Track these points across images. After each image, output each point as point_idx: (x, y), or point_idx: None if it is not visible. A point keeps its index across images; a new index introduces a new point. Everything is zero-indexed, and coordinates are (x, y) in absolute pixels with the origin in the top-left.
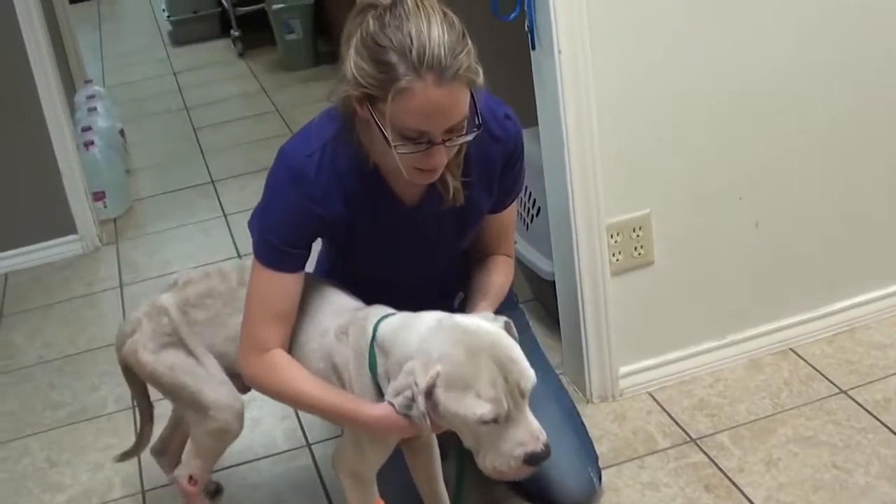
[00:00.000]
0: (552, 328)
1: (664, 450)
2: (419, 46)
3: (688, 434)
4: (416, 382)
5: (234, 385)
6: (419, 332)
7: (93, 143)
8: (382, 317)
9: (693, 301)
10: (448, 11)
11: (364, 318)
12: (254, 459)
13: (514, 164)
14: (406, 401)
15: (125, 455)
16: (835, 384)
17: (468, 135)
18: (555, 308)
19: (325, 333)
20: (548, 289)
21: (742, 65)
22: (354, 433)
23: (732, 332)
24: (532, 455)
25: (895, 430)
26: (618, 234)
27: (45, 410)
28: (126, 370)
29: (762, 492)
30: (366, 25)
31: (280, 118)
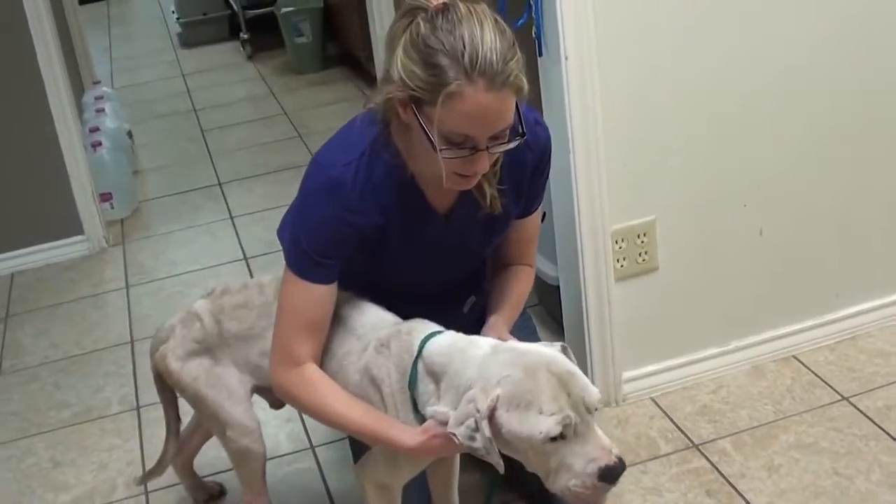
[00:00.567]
0: (556, 333)
1: (666, 455)
2: (472, 51)
3: (690, 440)
4: (479, 409)
5: (267, 399)
6: (476, 359)
7: (100, 144)
8: (430, 334)
9: (696, 307)
10: (499, 18)
11: (409, 333)
12: None
13: (543, 171)
14: (469, 431)
15: (148, 475)
16: (837, 391)
17: (511, 143)
18: (559, 313)
19: (365, 346)
20: (552, 294)
21: (747, 73)
22: (391, 451)
23: (735, 339)
24: (607, 469)
25: None
26: (622, 240)
27: (50, 410)
28: (158, 378)
29: (763, 498)
30: (416, 27)
31: (288, 121)
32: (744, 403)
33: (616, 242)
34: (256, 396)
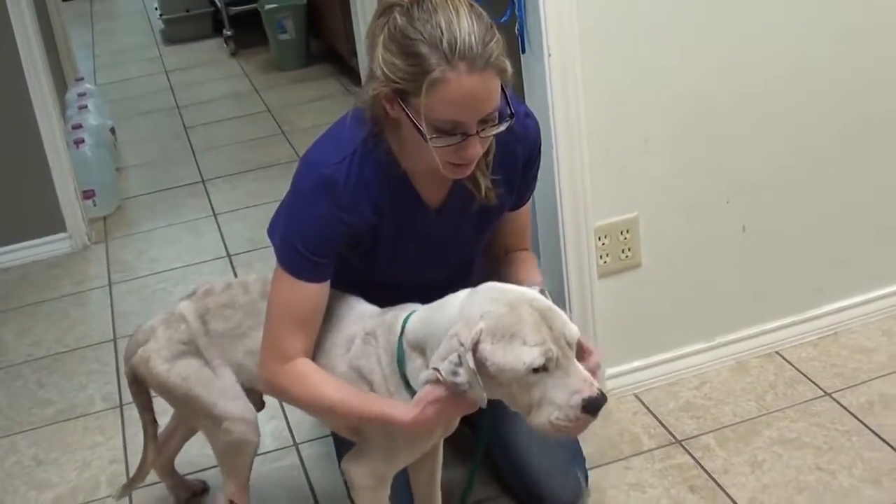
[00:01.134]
0: None
1: (650, 451)
2: (450, 36)
3: (673, 435)
4: (462, 342)
5: (250, 399)
6: (454, 307)
7: (83, 141)
8: (411, 312)
9: (680, 304)
10: (474, 4)
11: (394, 318)
12: None
13: (535, 162)
14: (452, 366)
15: (127, 487)
16: (819, 387)
17: (501, 125)
18: None
19: (352, 339)
20: None
21: (730, 70)
22: (387, 434)
23: (718, 335)
24: (589, 400)
25: (878, 433)
26: (605, 237)
27: (33, 408)
28: (134, 382)
29: (746, 493)
30: (393, 21)
31: (272, 118)
32: (727, 399)
33: (599, 239)
34: None
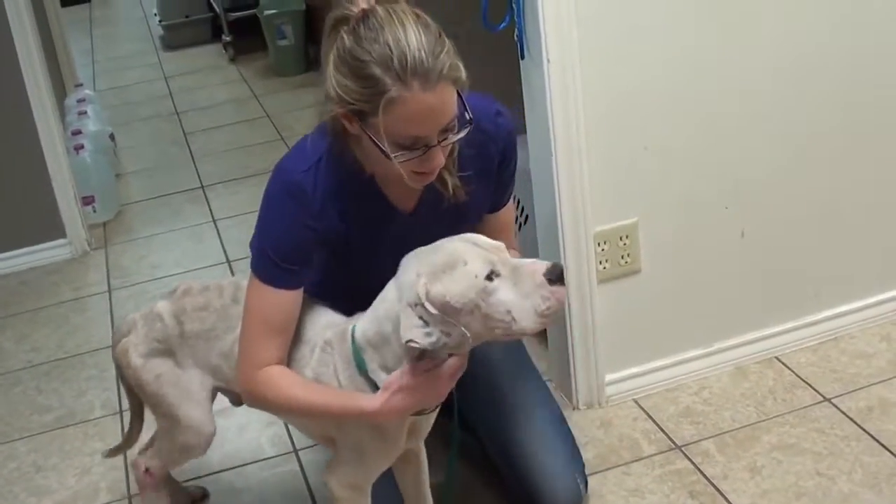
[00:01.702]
0: (539, 335)
1: (649, 457)
2: (400, 54)
3: (673, 441)
4: (416, 301)
5: (228, 398)
6: (391, 288)
7: (83, 147)
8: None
9: (679, 309)
10: (420, 13)
11: (345, 325)
12: (240, 465)
13: (510, 161)
14: (421, 330)
15: (113, 451)
16: (819, 392)
17: (461, 131)
18: None
19: (313, 348)
20: None
21: (730, 75)
22: (355, 442)
23: (718, 341)
24: (550, 271)
25: (878, 439)
26: (605, 243)
27: (33, 415)
28: (118, 367)
29: (746, 499)
30: (341, 42)
31: (271, 124)
32: (726, 405)
33: (598, 245)
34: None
